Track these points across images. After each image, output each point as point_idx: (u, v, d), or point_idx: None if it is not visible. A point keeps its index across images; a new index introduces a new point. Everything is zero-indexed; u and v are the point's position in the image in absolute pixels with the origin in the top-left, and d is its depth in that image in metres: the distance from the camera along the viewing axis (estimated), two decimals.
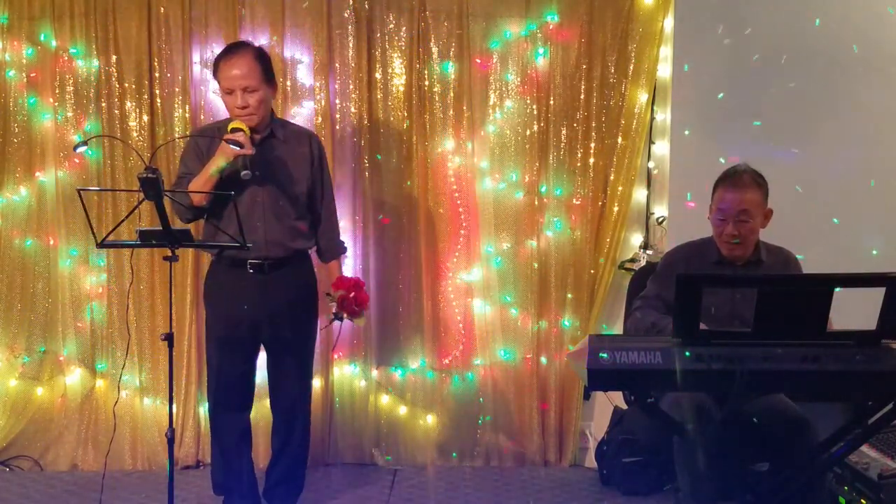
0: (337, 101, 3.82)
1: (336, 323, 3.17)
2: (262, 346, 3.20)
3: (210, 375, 3.18)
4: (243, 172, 2.80)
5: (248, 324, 3.06)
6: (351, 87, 3.80)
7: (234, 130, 2.84)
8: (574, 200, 3.86)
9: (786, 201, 2.90)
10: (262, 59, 3.00)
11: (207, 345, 3.22)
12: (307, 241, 3.16)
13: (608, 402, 3.84)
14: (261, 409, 3.53)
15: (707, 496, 2.64)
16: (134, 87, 3.80)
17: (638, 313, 2.90)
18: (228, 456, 3.18)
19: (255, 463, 3.34)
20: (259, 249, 2.96)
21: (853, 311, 2.41)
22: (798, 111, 3.74)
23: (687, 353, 2.14)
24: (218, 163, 2.86)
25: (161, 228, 2.62)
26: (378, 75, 3.82)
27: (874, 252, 3.65)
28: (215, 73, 3.00)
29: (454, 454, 3.94)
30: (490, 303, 3.90)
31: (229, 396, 3.13)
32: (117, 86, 3.79)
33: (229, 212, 2.93)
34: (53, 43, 3.79)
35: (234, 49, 2.99)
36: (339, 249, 3.29)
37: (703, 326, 2.24)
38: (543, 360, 3.92)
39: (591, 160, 3.84)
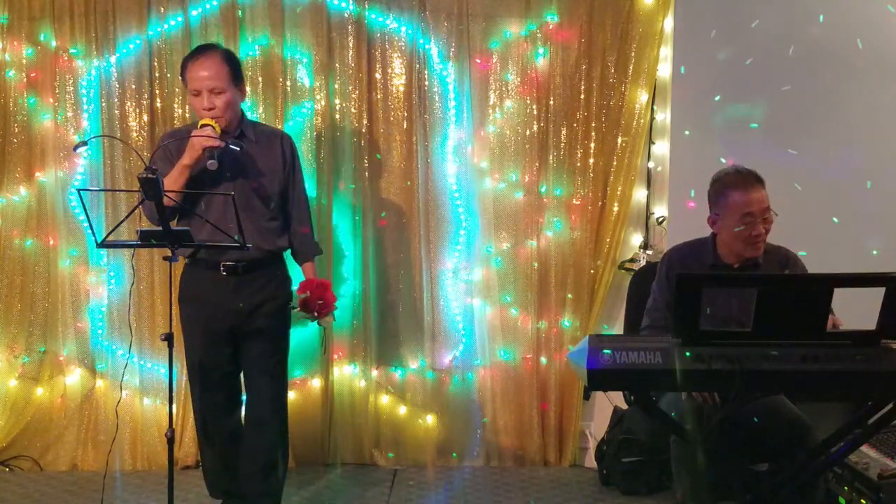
0: (337, 101, 3.82)
1: (329, 324, 3.13)
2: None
3: (192, 381, 3.12)
4: (209, 161, 2.78)
5: (223, 326, 3.02)
6: (351, 87, 3.80)
7: (204, 127, 2.85)
8: (574, 200, 3.86)
9: (786, 201, 2.89)
10: (230, 61, 2.98)
11: (186, 350, 3.12)
12: (281, 242, 3.10)
13: (608, 402, 3.84)
14: None
15: (706, 496, 2.64)
16: (134, 87, 3.80)
17: (645, 333, 2.89)
18: (223, 457, 3.15)
19: None
20: (232, 251, 2.87)
21: (853, 311, 2.42)
22: (798, 111, 3.74)
23: (687, 353, 2.13)
24: (184, 161, 2.84)
25: (161, 228, 2.62)
26: (378, 75, 3.82)
27: (874, 252, 3.65)
28: (183, 75, 2.97)
29: (454, 454, 3.94)
30: (490, 303, 3.91)
31: (215, 401, 3.09)
32: (117, 86, 3.80)
33: (201, 213, 2.89)
34: (53, 43, 3.79)
35: (202, 51, 2.98)
36: (313, 250, 3.20)
37: None
38: (543, 360, 3.92)
39: (591, 160, 3.84)
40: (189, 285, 3.10)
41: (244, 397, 3.22)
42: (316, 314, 3.03)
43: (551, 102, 3.82)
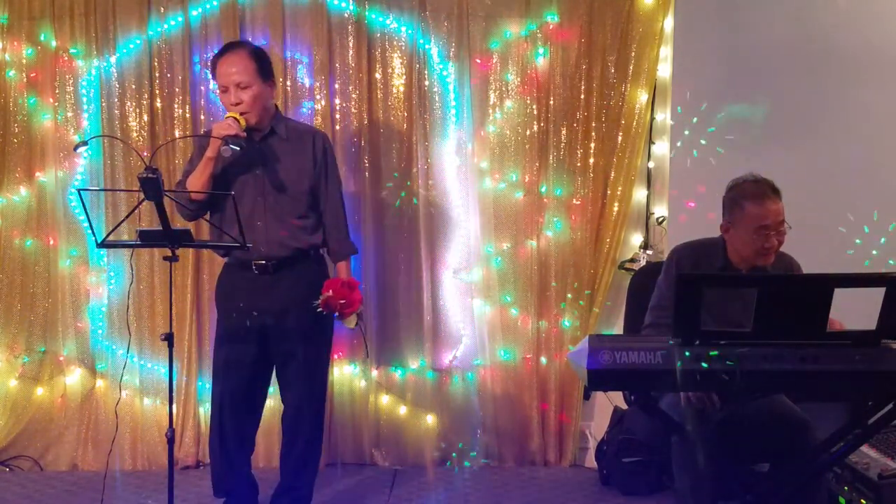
0: (337, 101, 3.82)
1: (355, 325, 3.12)
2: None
3: (216, 378, 3.14)
4: (223, 148, 2.81)
5: (254, 326, 3.02)
6: (351, 87, 3.80)
7: (227, 118, 2.91)
8: (574, 200, 3.86)
9: (785, 201, 2.88)
10: (258, 57, 3.00)
11: (215, 348, 3.17)
12: (311, 240, 3.09)
13: (608, 402, 3.84)
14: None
15: (706, 496, 2.64)
16: (134, 87, 3.80)
17: (647, 332, 2.87)
18: (231, 457, 3.15)
19: (254, 464, 3.34)
20: (261, 249, 2.96)
21: (853, 311, 2.42)
22: (798, 110, 3.74)
23: (687, 353, 2.13)
24: (207, 153, 2.89)
25: (161, 228, 2.62)
26: (378, 75, 3.82)
27: (874, 252, 3.65)
28: (212, 73, 3.03)
29: (454, 454, 3.95)
30: (490, 303, 3.91)
31: (235, 400, 3.08)
32: (117, 86, 3.80)
33: (229, 211, 2.93)
34: (53, 43, 3.79)
35: (230, 47, 3.02)
36: (348, 249, 3.20)
37: None
38: (543, 360, 3.92)
39: (591, 160, 3.84)
40: (224, 285, 3.13)
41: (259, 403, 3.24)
42: (338, 314, 3.01)
43: (551, 102, 3.82)
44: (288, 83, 3.80)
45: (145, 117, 3.80)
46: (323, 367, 3.23)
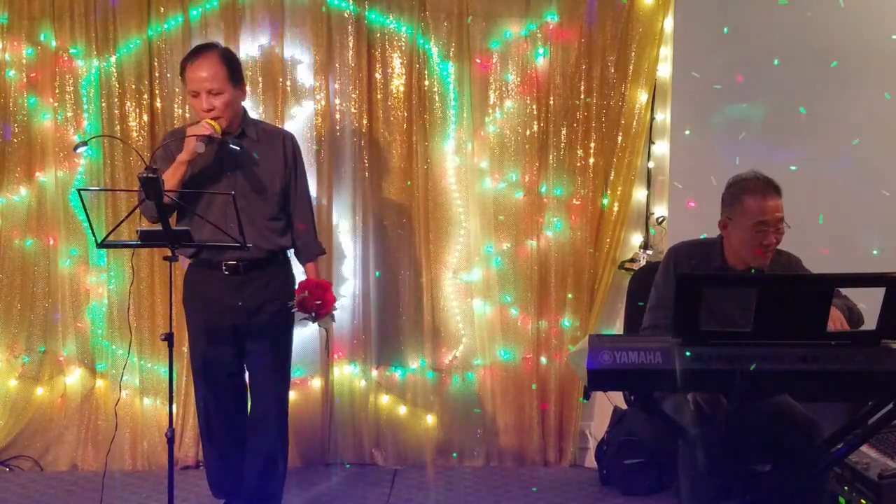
0: (337, 101, 3.82)
1: (330, 325, 3.12)
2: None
3: (197, 380, 3.14)
4: (196, 144, 2.82)
5: (226, 326, 3.03)
6: (351, 87, 3.80)
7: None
8: (574, 200, 3.86)
9: (785, 201, 2.88)
10: (229, 61, 2.96)
11: (191, 350, 3.16)
12: (283, 241, 3.09)
13: (608, 402, 3.84)
14: None
15: (707, 496, 2.63)
16: (134, 87, 3.80)
17: (647, 333, 2.86)
18: (225, 458, 3.16)
19: None
20: (233, 251, 2.88)
21: None
22: (798, 110, 3.74)
23: (687, 353, 2.13)
24: (181, 157, 2.86)
25: (161, 228, 2.62)
26: (378, 75, 3.82)
27: (874, 252, 3.65)
28: (182, 75, 2.97)
29: (454, 454, 3.94)
30: (490, 303, 3.90)
31: (220, 401, 3.09)
32: (117, 86, 3.80)
33: (202, 212, 2.89)
34: (53, 43, 3.80)
35: (200, 51, 2.96)
36: (315, 250, 3.19)
37: None
38: (543, 360, 3.92)
39: (591, 160, 3.84)
40: (192, 286, 3.12)
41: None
42: (314, 314, 3.02)
43: (551, 102, 3.82)
44: (288, 83, 3.80)
45: (145, 117, 3.80)
46: (288, 370, 3.23)
